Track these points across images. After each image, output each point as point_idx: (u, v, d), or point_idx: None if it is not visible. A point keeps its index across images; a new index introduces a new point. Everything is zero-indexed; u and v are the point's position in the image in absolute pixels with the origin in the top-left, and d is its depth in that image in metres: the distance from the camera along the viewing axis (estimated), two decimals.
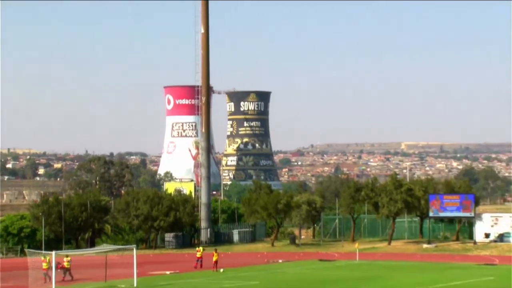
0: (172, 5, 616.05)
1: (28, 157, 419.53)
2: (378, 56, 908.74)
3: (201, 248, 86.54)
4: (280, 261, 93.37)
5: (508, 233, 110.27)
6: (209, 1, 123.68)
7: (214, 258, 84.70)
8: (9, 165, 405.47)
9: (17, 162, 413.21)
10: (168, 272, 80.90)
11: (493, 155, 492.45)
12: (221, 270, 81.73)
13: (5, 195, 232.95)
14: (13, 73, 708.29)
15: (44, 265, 69.01)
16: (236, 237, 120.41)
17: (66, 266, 70.46)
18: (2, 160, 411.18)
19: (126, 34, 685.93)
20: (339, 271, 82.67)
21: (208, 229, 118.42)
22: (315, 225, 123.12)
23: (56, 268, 69.82)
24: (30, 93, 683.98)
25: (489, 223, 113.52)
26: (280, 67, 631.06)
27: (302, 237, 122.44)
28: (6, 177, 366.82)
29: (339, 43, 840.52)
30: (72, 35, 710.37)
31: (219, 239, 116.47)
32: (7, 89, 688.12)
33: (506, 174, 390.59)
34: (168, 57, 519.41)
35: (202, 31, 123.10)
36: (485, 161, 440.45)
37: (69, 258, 72.46)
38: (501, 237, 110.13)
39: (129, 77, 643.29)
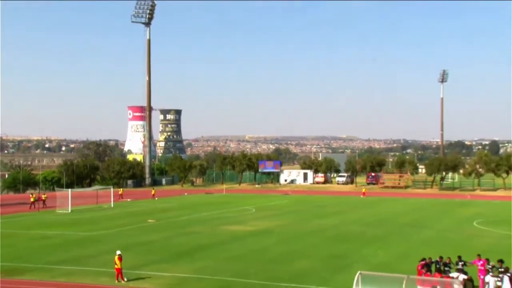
0: (130, 65, 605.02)
1: (57, 141, 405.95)
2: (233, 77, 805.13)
3: (121, 189, 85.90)
4: (186, 194, 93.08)
5: (295, 179, 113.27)
6: (151, 61, 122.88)
7: (153, 192, 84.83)
8: (47, 145, 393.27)
9: (51, 143, 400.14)
10: (129, 200, 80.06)
11: (289, 142, 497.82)
12: (156, 198, 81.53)
13: (44, 160, 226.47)
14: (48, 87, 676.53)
15: (32, 199, 68.49)
16: (164, 182, 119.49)
17: (43, 199, 68.87)
18: (43, 143, 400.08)
19: (111, 77, 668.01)
20: (215, 198, 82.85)
21: (149, 178, 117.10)
22: (204, 176, 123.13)
23: (38, 200, 69.16)
24: (57, 103, 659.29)
25: (287, 174, 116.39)
26: (185, 96, 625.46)
27: (197, 182, 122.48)
28: (45, 151, 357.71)
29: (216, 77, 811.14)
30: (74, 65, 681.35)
31: (155, 183, 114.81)
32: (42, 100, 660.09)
33: (294, 151, 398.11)
34: (132, 90, 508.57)
35: (147, 79, 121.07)
36: (285, 145, 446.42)
37: (46, 195, 71.12)
38: (292, 181, 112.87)
39: (112, 101, 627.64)
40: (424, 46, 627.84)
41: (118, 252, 28.40)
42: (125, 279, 27.57)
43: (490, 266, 24.69)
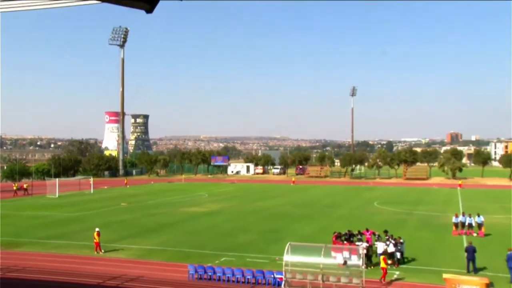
0: (108, 77, 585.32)
1: (47, 139, 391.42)
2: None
3: (91, 178, 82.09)
4: (152, 182, 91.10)
5: (240, 171, 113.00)
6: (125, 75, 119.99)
7: (125, 181, 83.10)
8: (38, 143, 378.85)
9: (42, 141, 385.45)
10: (106, 187, 78.26)
11: (235, 141, 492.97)
12: (128, 186, 79.75)
13: (36, 155, 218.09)
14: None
15: (14, 187, 66.37)
16: (134, 173, 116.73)
17: (25, 187, 66.25)
18: (35, 141, 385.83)
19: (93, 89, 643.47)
20: (176, 186, 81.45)
21: (123, 170, 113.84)
22: (166, 168, 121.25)
23: (20, 188, 66.89)
24: (48, 108, 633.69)
25: (233, 167, 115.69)
26: (151, 103, 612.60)
27: (161, 173, 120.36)
28: (37, 148, 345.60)
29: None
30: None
31: (127, 174, 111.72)
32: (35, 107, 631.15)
33: (239, 149, 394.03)
34: (109, 98, 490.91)
35: (121, 89, 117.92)
36: (232, 144, 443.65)
37: (27, 185, 68.51)
38: (237, 172, 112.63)
39: (92, 107, 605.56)
40: (339, 67, 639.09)
41: (97, 229, 28.10)
42: (103, 251, 27.29)
43: (376, 236, 25.90)
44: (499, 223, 37.36)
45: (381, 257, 21.92)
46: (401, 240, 24.74)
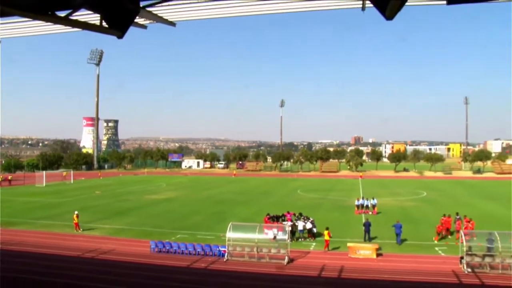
0: (85, 89, 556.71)
1: (36, 139, 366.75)
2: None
3: (65, 172, 76.18)
4: (121, 175, 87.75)
5: (192, 165, 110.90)
6: (100, 86, 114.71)
7: (99, 174, 79.62)
8: (29, 142, 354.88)
9: (33, 141, 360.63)
10: (83, 178, 74.62)
11: (188, 141, 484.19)
12: (101, 178, 76.39)
13: (28, 152, 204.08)
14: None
15: (0, 179, 62.97)
16: (106, 167, 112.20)
17: (9, 179, 62.94)
18: (27, 140, 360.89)
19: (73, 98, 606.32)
20: (140, 178, 78.80)
21: (97, 164, 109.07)
22: (132, 163, 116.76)
23: (5, 179, 63.43)
24: (37, 114, 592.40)
25: (186, 162, 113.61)
26: (121, 109, 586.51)
27: (128, 167, 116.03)
28: (28, 146, 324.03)
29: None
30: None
31: (100, 168, 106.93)
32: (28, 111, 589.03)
33: (191, 148, 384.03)
34: (86, 106, 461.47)
35: (96, 99, 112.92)
36: (186, 143, 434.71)
37: (11, 177, 65.16)
38: (190, 167, 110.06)
39: (73, 113, 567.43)
40: (271, 83, 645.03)
41: (76, 212, 27.58)
42: (81, 229, 26.64)
43: (296, 216, 26.84)
44: (387, 204, 39.57)
45: (326, 231, 22.20)
46: (311, 219, 25.76)
